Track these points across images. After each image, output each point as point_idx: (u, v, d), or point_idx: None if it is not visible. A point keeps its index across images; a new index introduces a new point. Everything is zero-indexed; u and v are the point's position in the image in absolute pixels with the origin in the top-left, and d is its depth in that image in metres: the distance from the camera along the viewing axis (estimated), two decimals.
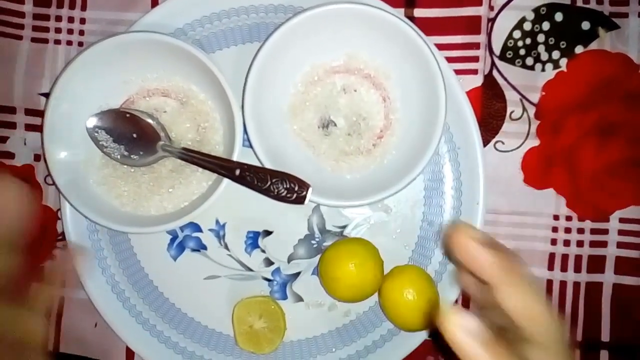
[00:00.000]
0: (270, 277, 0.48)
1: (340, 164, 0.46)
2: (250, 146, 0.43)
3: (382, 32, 0.43)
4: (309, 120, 0.46)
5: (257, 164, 0.43)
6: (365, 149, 0.46)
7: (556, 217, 0.47)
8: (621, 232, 0.47)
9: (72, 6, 0.50)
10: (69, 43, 0.50)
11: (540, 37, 0.47)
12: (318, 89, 0.46)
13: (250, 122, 0.42)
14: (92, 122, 0.45)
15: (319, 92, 0.46)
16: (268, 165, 0.43)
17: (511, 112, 0.47)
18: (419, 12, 0.47)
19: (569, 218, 0.47)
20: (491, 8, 0.47)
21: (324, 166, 0.46)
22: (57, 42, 0.50)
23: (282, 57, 0.43)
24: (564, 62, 0.47)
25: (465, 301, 0.48)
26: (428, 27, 0.46)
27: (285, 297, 0.48)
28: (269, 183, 0.42)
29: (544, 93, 0.47)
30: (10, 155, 0.51)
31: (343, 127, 0.46)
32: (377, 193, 0.43)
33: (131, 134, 0.45)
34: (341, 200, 0.44)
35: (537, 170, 0.47)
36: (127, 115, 0.45)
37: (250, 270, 0.48)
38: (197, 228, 0.48)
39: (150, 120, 0.45)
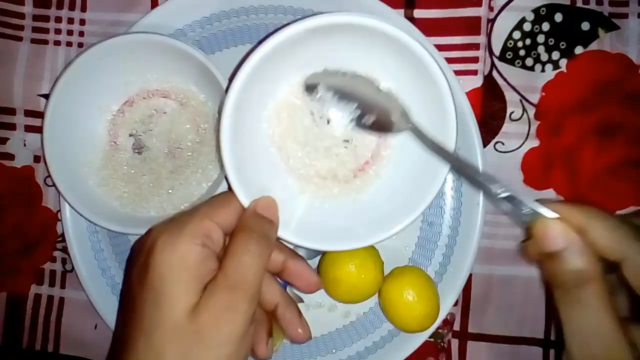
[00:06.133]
0: None
1: (310, 185, 0.42)
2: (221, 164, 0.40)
3: (409, 64, 0.37)
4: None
5: None
6: (343, 176, 0.42)
7: None
8: None
9: (71, 7, 0.50)
10: (69, 44, 0.50)
11: (540, 38, 0.47)
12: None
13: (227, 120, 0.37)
14: (316, 76, 0.40)
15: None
16: (230, 170, 0.37)
17: (511, 113, 0.47)
18: (418, 13, 0.47)
19: None
20: (491, 9, 0.47)
21: (291, 183, 0.42)
22: (57, 43, 0.50)
23: (270, 72, 0.39)
24: (563, 62, 0.47)
25: (465, 302, 0.48)
26: (428, 27, 0.46)
27: None
28: None
29: (543, 94, 0.47)
30: (10, 157, 0.51)
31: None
32: (340, 241, 0.39)
33: (361, 95, 0.39)
34: (310, 240, 0.39)
35: (537, 171, 0.47)
36: (351, 75, 0.40)
37: None
38: None
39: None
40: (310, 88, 0.40)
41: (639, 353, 0.28)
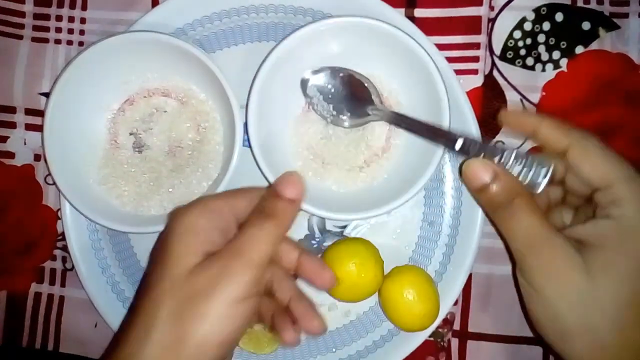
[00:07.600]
0: None
1: (327, 172, 0.46)
2: (249, 145, 0.43)
3: (405, 58, 0.42)
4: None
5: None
6: (357, 165, 0.46)
7: None
8: None
9: (72, 6, 0.50)
10: (70, 43, 0.50)
11: (541, 37, 0.47)
12: None
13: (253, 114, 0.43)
14: (308, 76, 0.45)
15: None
16: (256, 145, 0.42)
17: None
18: (419, 12, 0.47)
19: None
20: (491, 8, 0.47)
21: (307, 171, 0.46)
22: (58, 41, 0.50)
23: (294, 66, 0.44)
24: (564, 62, 0.47)
25: (466, 301, 0.48)
26: (428, 27, 0.46)
27: None
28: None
29: (544, 93, 0.47)
30: (11, 155, 0.51)
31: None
32: (360, 211, 0.43)
33: (343, 94, 0.45)
34: (326, 210, 0.43)
35: None
36: (342, 74, 0.44)
37: None
38: None
39: (364, 82, 0.44)
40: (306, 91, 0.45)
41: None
